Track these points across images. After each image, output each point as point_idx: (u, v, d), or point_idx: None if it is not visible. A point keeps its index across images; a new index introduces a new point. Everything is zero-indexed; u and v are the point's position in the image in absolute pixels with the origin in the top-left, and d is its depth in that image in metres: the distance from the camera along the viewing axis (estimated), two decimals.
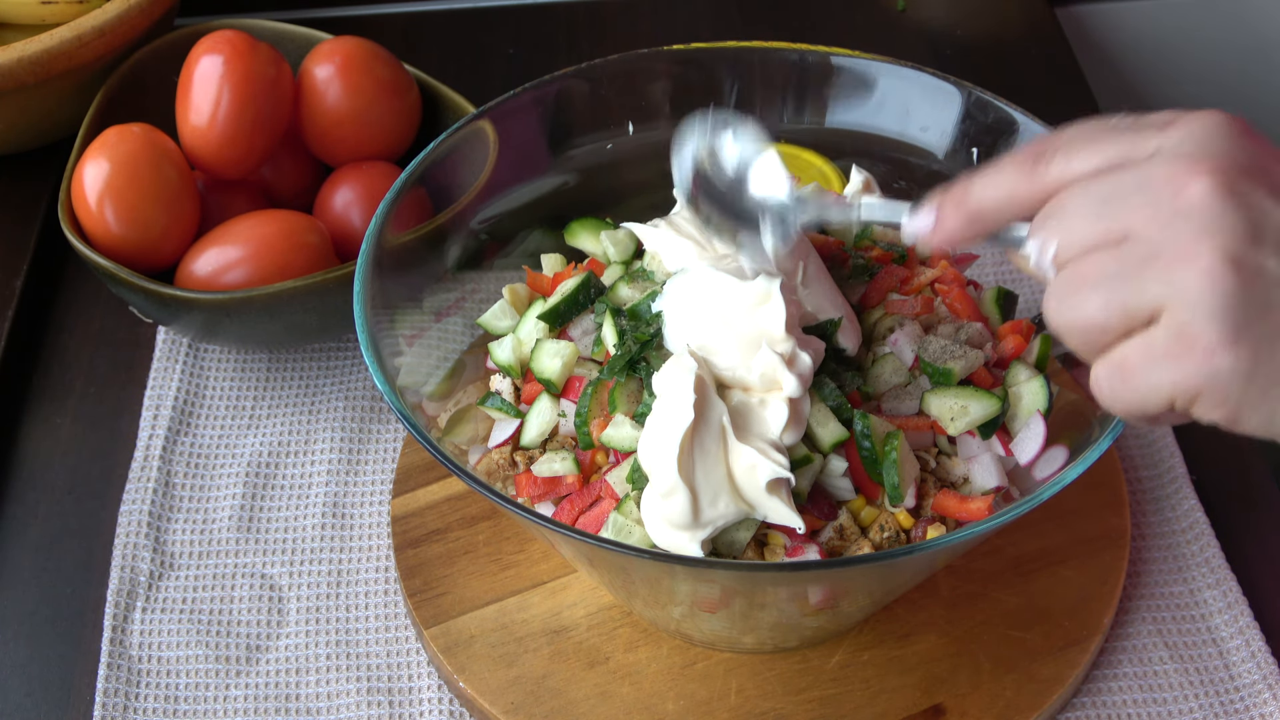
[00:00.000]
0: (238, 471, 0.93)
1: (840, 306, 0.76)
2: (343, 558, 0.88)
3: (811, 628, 0.79)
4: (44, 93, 1.03)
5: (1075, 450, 0.71)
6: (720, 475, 0.69)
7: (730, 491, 0.68)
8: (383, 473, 0.93)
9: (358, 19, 1.29)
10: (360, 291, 0.73)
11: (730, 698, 0.78)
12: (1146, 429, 0.63)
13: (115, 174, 0.92)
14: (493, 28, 1.28)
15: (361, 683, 0.82)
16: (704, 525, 0.68)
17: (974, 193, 0.58)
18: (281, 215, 0.95)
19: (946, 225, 0.59)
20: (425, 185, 0.81)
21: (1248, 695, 0.80)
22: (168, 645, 0.84)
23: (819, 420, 0.71)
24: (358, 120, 1.00)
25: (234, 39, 0.97)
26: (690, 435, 0.68)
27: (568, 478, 0.74)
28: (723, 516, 0.68)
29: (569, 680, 0.79)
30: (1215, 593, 0.85)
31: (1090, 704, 0.81)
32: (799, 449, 0.70)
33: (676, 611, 0.76)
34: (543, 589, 0.83)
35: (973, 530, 0.65)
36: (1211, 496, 0.90)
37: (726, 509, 0.68)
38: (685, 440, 0.68)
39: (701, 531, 0.68)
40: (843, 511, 0.71)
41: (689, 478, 0.68)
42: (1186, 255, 0.50)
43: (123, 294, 0.92)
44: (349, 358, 1.00)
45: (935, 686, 0.79)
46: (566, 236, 0.85)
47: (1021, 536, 0.84)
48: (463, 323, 0.83)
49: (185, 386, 0.97)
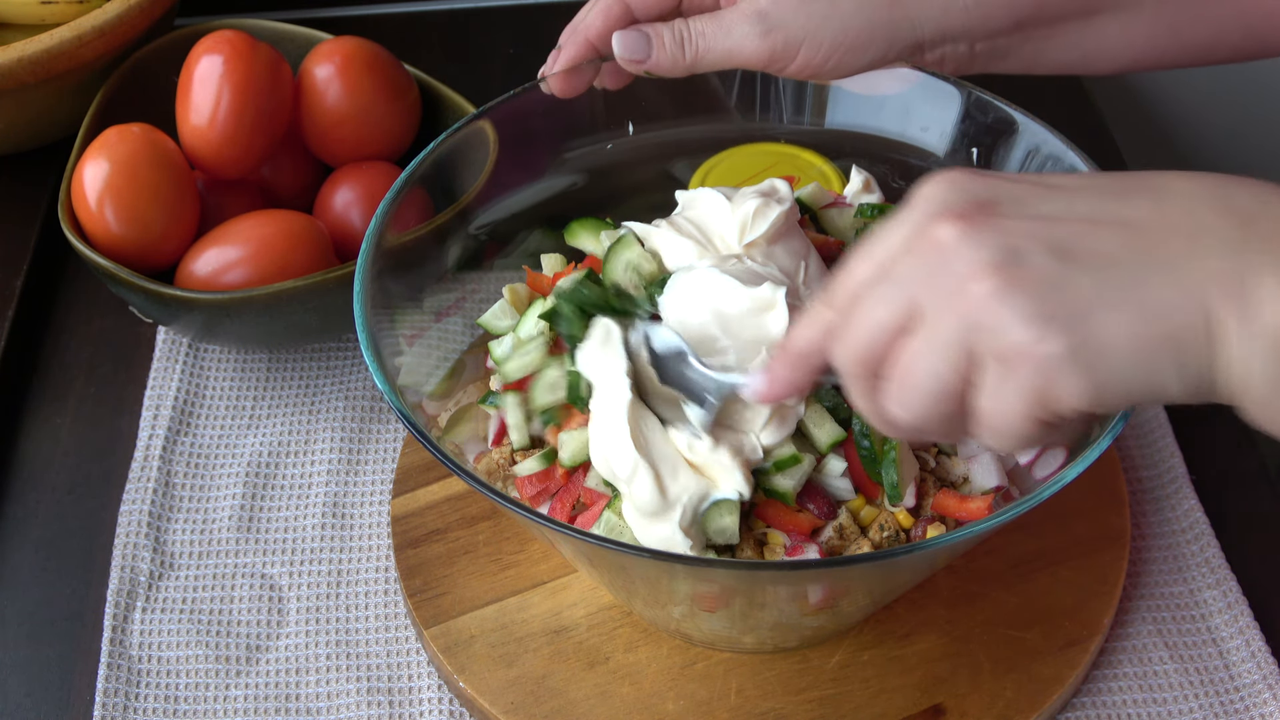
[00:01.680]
0: (238, 471, 0.93)
1: None
2: (343, 558, 0.88)
3: (811, 628, 0.79)
4: (44, 93, 1.03)
5: (1075, 450, 0.71)
6: (671, 449, 0.69)
7: (685, 463, 0.69)
8: (383, 473, 0.93)
9: (358, 19, 1.29)
10: (360, 291, 0.73)
11: (730, 698, 0.79)
12: (1056, 442, 0.66)
13: (115, 174, 0.92)
14: (493, 28, 1.28)
15: (361, 683, 0.82)
16: (673, 504, 0.68)
17: (792, 340, 0.61)
18: (281, 215, 0.95)
19: (777, 377, 0.62)
20: (425, 185, 0.81)
21: (1248, 695, 0.80)
22: (168, 645, 0.84)
23: (816, 421, 0.71)
24: (358, 120, 1.00)
25: (234, 39, 0.97)
26: (634, 410, 0.69)
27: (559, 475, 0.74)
28: (686, 490, 0.69)
29: (569, 680, 0.79)
30: (1215, 593, 0.85)
31: (1090, 704, 0.81)
32: (785, 449, 0.70)
33: (676, 611, 0.76)
34: (543, 589, 0.83)
35: (973, 530, 0.65)
36: (1211, 496, 0.90)
37: (688, 481, 0.69)
38: (631, 416, 0.69)
39: (674, 512, 0.68)
40: (842, 511, 0.71)
41: (645, 452, 0.69)
42: (966, 292, 0.54)
43: (123, 294, 0.92)
44: (349, 358, 1.00)
45: (935, 686, 0.79)
46: (566, 236, 0.85)
47: (1021, 536, 0.84)
48: (463, 323, 0.83)
49: (185, 386, 0.97)
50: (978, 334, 0.54)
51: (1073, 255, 0.53)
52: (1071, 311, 0.52)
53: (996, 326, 0.53)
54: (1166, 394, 0.53)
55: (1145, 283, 0.52)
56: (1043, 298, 0.52)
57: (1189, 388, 0.53)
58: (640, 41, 0.75)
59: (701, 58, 0.74)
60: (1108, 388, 0.53)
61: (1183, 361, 0.52)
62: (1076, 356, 0.52)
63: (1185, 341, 0.52)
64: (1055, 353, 0.52)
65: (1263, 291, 0.51)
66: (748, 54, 0.73)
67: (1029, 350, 0.52)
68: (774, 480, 0.70)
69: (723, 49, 0.74)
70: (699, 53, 0.74)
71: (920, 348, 0.55)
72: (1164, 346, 0.52)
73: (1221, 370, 0.52)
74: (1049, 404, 0.53)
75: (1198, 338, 0.52)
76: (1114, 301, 0.52)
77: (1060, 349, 0.52)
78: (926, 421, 0.57)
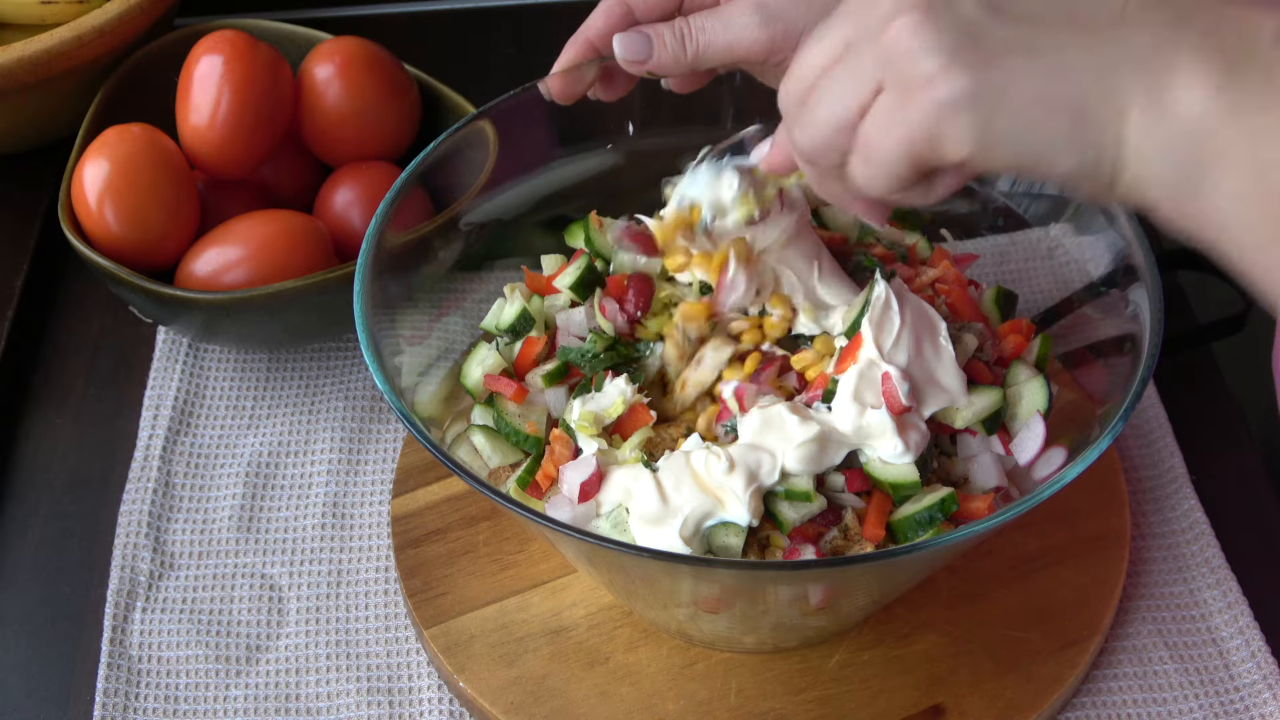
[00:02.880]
0: (238, 471, 0.93)
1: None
2: (343, 558, 0.88)
3: (812, 628, 0.79)
4: (44, 93, 1.03)
5: (1075, 450, 0.71)
6: (678, 461, 0.69)
7: (691, 477, 0.69)
8: (383, 473, 0.93)
9: (358, 19, 1.29)
10: (360, 291, 0.73)
11: (730, 698, 0.79)
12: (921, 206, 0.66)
13: (115, 174, 0.92)
14: (493, 28, 1.28)
15: (361, 683, 0.82)
16: (674, 513, 0.68)
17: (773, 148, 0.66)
18: (281, 215, 0.95)
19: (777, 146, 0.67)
20: (425, 185, 0.81)
21: (1248, 695, 0.80)
22: (168, 645, 0.84)
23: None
24: (358, 120, 1.00)
25: (234, 39, 0.97)
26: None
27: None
28: (689, 503, 0.68)
29: (569, 680, 0.79)
30: (1215, 593, 0.85)
31: (1090, 704, 0.81)
32: (803, 482, 0.70)
33: (677, 611, 0.76)
34: (543, 589, 0.83)
35: (973, 530, 0.65)
36: (1211, 496, 0.90)
37: (691, 495, 0.69)
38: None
39: (675, 520, 0.68)
40: (847, 511, 0.71)
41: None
42: (889, 25, 0.54)
43: (123, 294, 0.92)
44: (349, 358, 1.00)
45: (935, 686, 0.79)
46: (566, 237, 0.85)
47: (1021, 536, 0.84)
48: (463, 323, 0.83)
49: (185, 386, 0.97)
50: (885, 66, 0.54)
51: (1000, 8, 0.54)
52: (982, 56, 0.52)
53: (905, 56, 0.53)
54: (1056, 166, 0.53)
55: (1061, 45, 0.52)
56: (958, 38, 0.53)
57: (1083, 166, 0.52)
58: (641, 43, 0.75)
59: (703, 53, 0.74)
60: (995, 140, 0.53)
61: (1079, 134, 0.52)
62: (974, 99, 0.52)
63: (1086, 111, 0.52)
64: (955, 91, 0.52)
65: (1176, 79, 0.50)
66: (748, 45, 0.73)
67: (929, 82, 0.53)
68: (780, 506, 0.70)
69: (723, 42, 0.74)
70: (700, 48, 0.74)
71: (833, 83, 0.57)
72: (1063, 110, 0.52)
73: (1125, 157, 0.51)
74: (933, 143, 0.54)
75: (1098, 111, 0.51)
76: (1024, 55, 0.52)
77: (959, 88, 0.52)
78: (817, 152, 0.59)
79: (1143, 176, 0.52)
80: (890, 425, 0.70)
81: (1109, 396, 0.70)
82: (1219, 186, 0.50)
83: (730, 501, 0.68)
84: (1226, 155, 0.50)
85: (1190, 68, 0.50)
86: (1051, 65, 0.52)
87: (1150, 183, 0.52)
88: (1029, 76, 0.52)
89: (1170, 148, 0.51)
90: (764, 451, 0.69)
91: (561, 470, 0.73)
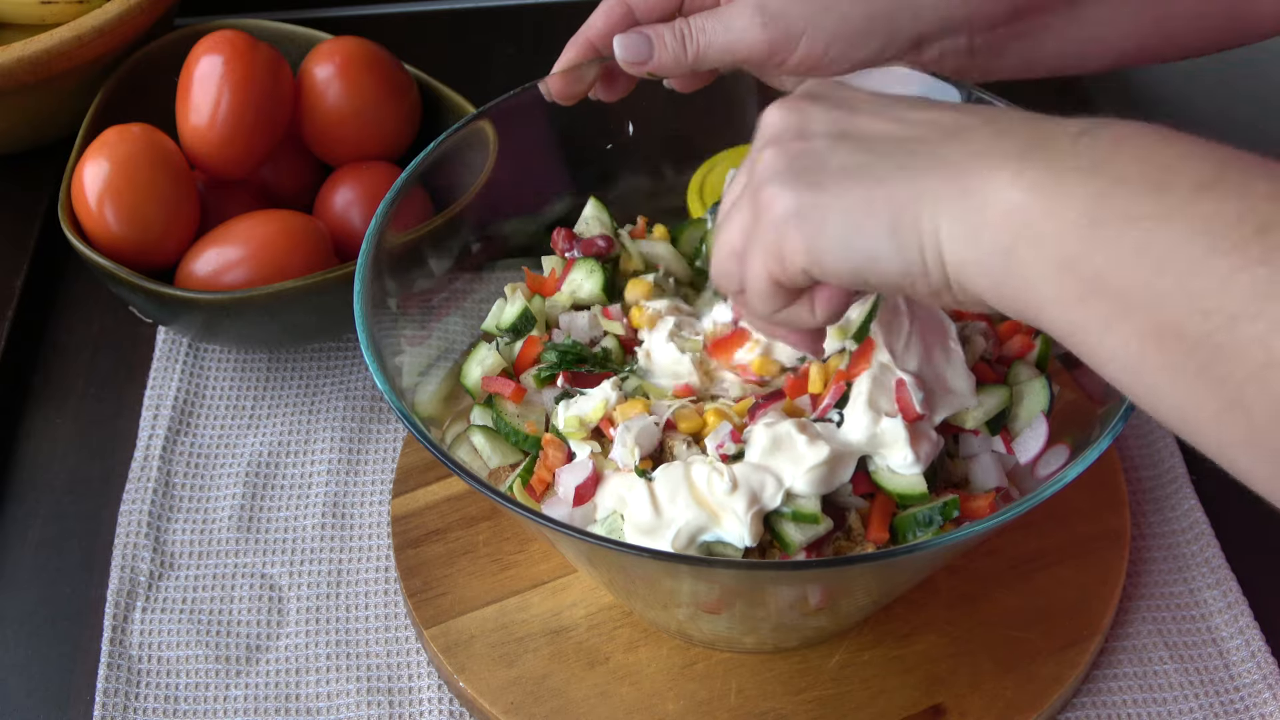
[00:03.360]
0: (238, 471, 0.93)
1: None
2: (343, 558, 0.88)
3: (812, 628, 0.79)
4: (44, 93, 1.03)
5: (1076, 450, 0.71)
6: (677, 473, 0.69)
7: (688, 490, 0.68)
8: (383, 473, 0.93)
9: (358, 19, 1.29)
10: (360, 291, 0.73)
11: (730, 698, 0.78)
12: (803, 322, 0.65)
13: (115, 174, 0.92)
14: (493, 28, 1.28)
15: (361, 683, 0.82)
16: (668, 524, 0.68)
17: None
18: (281, 215, 0.95)
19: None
20: (425, 185, 0.81)
21: (1248, 695, 0.80)
22: (168, 645, 0.84)
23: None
24: (358, 120, 1.00)
25: (234, 39, 0.97)
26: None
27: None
28: (683, 516, 0.68)
29: (569, 680, 0.79)
30: (1215, 593, 0.85)
31: (1090, 704, 0.81)
32: (810, 504, 0.69)
33: (677, 612, 0.76)
34: (543, 589, 0.83)
35: (973, 530, 0.65)
36: (1211, 496, 0.90)
37: (686, 509, 0.68)
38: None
39: (668, 531, 0.68)
40: (850, 513, 0.71)
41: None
42: (758, 158, 0.60)
43: (123, 294, 0.92)
44: (349, 358, 1.00)
45: (935, 686, 0.79)
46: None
47: (1021, 536, 0.84)
48: (463, 323, 0.83)
49: (185, 386, 0.97)
50: (752, 194, 0.59)
51: (847, 136, 0.58)
52: (818, 179, 0.57)
53: (758, 183, 0.59)
54: (888, 269, 0.56)
55: (885, 160, 0.56)
56: (803, 164, 0.58)
57: (910, 266, 0.55)
58: (641, 44, 0.75)
59: (703, 53, 0.75)
60: (825, 248, 0.56)
61: (899, 236, 0.55)
62: (802, 212, 0.57)
63: (902, 212, 0.55)
64: (788, 206, 0.57)
65: (986, 175, 0.53)
66: (748, 46, 0.74)
67: (771, 202, 0.57)
68: (785, 527, 0.69)
69: (723, 43, 0.74)
70: (700, 49, 0.75)
71: (732, 210, 0.61)
72: (881, 214, 0.55)
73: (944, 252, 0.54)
74: (782, 261, 0.58)
75: (911, 209, 0.55)
76: (852, 173, 0.56)
77: (791, 204, 0.57)
78: (718, 278, 0.64)
79: (964, 267, 0.54)
80: (903, 435, 0.70)
81: (1109, 396, 0.69)
82: (1026, 262, 0.52)
83: (729, 521, 0.68)
84: (1028, 229, 0.52)
85: (1000, 163, 0.53)
86: (875, 179, 0.56)
87: (972, 273, 0.54)
88: (852, 189, 0.56)
89: (980, 233, 0.53)
90: (769, 473, 0.68)
91: (557, 474, 0.73)
